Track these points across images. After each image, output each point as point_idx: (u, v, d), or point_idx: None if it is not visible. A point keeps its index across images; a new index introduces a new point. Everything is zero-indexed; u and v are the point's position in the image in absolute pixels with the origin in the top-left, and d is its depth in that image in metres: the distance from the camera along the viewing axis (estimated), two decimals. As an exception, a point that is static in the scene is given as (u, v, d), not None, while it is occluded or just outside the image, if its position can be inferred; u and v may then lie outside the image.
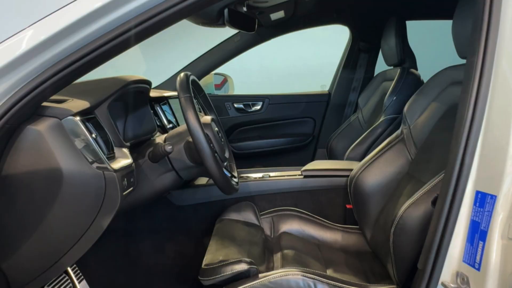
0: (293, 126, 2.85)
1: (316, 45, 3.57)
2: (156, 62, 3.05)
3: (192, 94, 1.25)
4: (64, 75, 0.86)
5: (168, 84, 2.63)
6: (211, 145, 1.30)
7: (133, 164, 1.19)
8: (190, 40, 2.97)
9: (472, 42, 0.91)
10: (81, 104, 1.07)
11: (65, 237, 1.00)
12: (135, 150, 1.41)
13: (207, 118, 1.38)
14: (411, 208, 1.12)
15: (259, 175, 1.90)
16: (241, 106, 2.81)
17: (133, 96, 1.49)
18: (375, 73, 2.70)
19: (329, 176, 1.80)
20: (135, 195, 1.27)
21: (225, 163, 1.43)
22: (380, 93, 2.39)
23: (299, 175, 1.83)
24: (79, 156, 0.96)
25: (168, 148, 1.26)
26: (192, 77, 1.41)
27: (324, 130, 2.82)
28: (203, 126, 1.30)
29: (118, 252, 1.73)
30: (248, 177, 1.87)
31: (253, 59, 2.84)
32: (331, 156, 2.55)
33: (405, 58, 2.18)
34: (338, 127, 2.61)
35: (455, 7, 1.22)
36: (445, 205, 0.90)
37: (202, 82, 2.81)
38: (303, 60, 3.58)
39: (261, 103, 2.81)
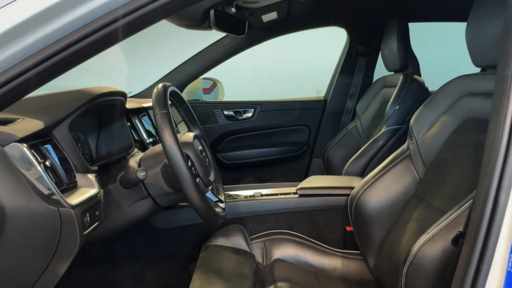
0: (287, 134, 2.68)
1: (310, 48, 3.40)
2: (139, 67, 2.87)
3: (169, 110, 1.08)
4: (46, 67, 0.69)
5: (151, 91, 2.44)
6: (193, 168, 1.13)
7: (100, 193, 1.01)
8: (176, 43, 2.79)
9: (504, 52, 0.75)
10: (34, 125, 0.89)
11: None
12: (107, 172, 1.23)
13: (188, 136, 1.21)
14: (427, 245, 0.95)
15: (250, 192, 1.72)
16: (231, 113, 2.63)
17: (106, 110, 1.31)
18: (374, 79, 2.54)
19: (327, 195, 1.63)
20: (104, 226, 1.09)
21: (210, 187, 1.26)
22: (380, 100, 2.23)
23: (293, 193, 1.66)
24: (27, 190, 0.78)
25: (141, 175, 1.08)
26: (171, 88, 1.24)
27: (320, 138, 2.66)
28: (183, 146, 1.12)
29: (92, 282, 1.54)
30: (237, 196, 1.70)
31: (243, 62, 2.67)
32: (327, 166, 2.39)
33: (407, 63, 2.02)
34: (335, 136, 2.45)
35: (468, 8, 1.06)
36: (475, 251, 0.73)
37: (189, 88, 2.64)
38: (297, 63, 3.40)
39: (252, 110, 2.64)
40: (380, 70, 2.54)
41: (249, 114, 2.65)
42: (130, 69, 2.76)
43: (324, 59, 2.87)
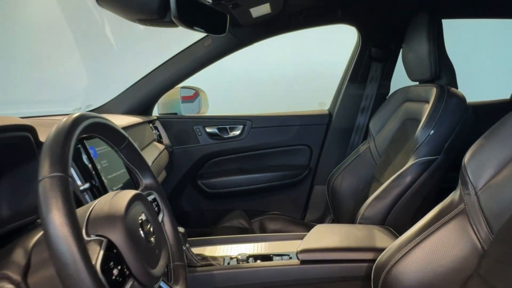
0: (283, 156, 2.20)
1: (312, 50, 2.89)
2: (100, 74, 2.36)
3: (69, 173, 0.58)
4: None
5: (116, 104, 1.96)
6: (117, 267, 0.64)
7: None
8: (149, 44, 2.29)
9: None
10: None
11: None
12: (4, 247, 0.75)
13: (119, 202, 0.71)
14: None
15: (231, 250, 1.25)
16: (215, 130, 2.15)
17: (5, 152, 0.82)
18: (391, 90, 2.06)
19: (341, 262, 1.15)
20: None
21: (157, 285, 0.76)
22: (401, 117, 1.75)
23: (294, 259, 1.17)
24: None
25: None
26: (93, 121, 0.74)
27: (324, 162, 2.18)
28: (99, 226, 0.64)
29: None
30: (213, 259, 1.21)
31: (229, 68, 2.20)
32: (334, 198, 1.91)
33: (441, 71, 1.54)
34: (343, 160, 1.96)
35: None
36: None
37: (164, 99, 2.16)
38: (295, 69, 2.89)
39: (241, 126, 2.15)
40: (398, 79, 2.06)
41: (237, 132, 2.16)
42: (89, 77, 2.26)
43: (329, 64, 2.37)
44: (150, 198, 0.92)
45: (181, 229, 1.16)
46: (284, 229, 1.96)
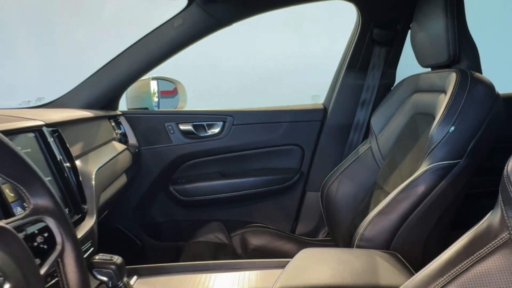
0: (270, 158, 1.89)
1: (303, 32, 2.56)
2: (56, 63, 2.04)
3: None
4: None
5: (73, 97, 1.66)
6: None
7: None
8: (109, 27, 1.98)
9: None
10: None
11: None
12: None
13: None
14: None
15: (190, 281, 0.95)
16: (190, 128, 1.84)
17: None
18: (397, 79, 1.74)
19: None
20: None
21: None
22: (410, 111, 1.45)
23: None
24: None
25: None
26: None
27: (318, 164, 1.86)
28: None
29: None
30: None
31: (203, 55, 1.89)
32: (328, 208, 1.61)
33: (461, 53, 1.23)
34: (340, 162, 1.66)
35: None
36: None
37: (134, 92, 1.88)
38: (284, 55, 2.55)
39: (221, 123, 1.84)
40: (405, 68, 1.75)
41: (216, 130, 1.85)
42: (41, 67, 1.94)
43: (323, 49, 2.05)
44: (36, 227, 0.62)
45: (117, 260, 0.87)
46: (269, 244, 1.66)
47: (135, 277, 1.05)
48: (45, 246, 0.64)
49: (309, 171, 1.89)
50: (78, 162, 1.15)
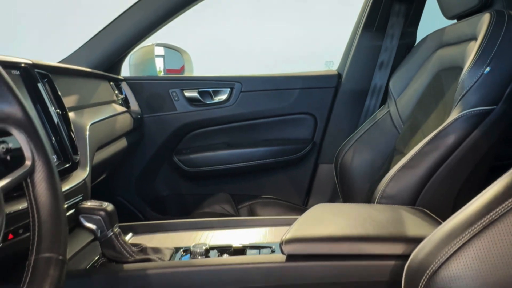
0: (281, 127, 1.78)
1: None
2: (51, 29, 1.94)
3: None
4: None
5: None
6: None
7: None
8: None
9: None
10: None
11: None
12: None
13: None
14: None
15: (189, 243, 0.85)
16: (196, 95, 1.73)
17: None
18: (418, 39, 1.61)
19: (350, 258, 0.73)
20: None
21: None
22: (434, 69, 1.32)
23: (278, 254, 0.77)
24: None
25: None
26: None
27: (331, 134, 1.75)
28: None
29: None
30: (159, 253, 0.81)
31: (210, 18, 1.78)
32: (343, 179, 1.50)
33: (495, -6, 1.10)
34: (355, 130, 1.54)
35: None
36: None
37: (137, 59, 1.81)
38: (294, 20, 2.43)
39: (228, 90, 1.74)
40: (427, 27, 1.63)
41: (223, 97, 1.74)
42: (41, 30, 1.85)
43: (337, 11, 1.93)
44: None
45: (107, 206, 0.78)
46: (279, 216, 1.55)
47: (130, 234, 0.95)
48: (8, 158, 0.54)
49: (322, 142, 1.77)
50: (71, 114, 1.06)
